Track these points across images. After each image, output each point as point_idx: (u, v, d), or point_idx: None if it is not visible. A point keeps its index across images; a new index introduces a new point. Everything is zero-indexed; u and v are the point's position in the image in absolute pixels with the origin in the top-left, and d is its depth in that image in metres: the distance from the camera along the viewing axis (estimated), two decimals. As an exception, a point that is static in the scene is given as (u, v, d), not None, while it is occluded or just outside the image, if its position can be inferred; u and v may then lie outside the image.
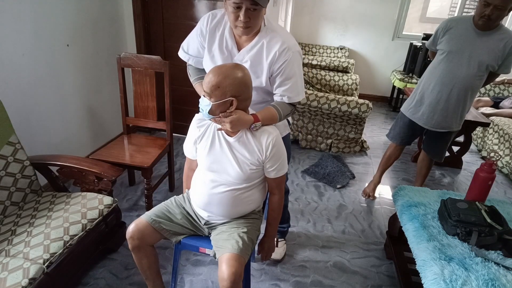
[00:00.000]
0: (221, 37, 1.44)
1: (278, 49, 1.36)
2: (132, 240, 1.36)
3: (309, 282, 1.84)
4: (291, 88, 1.42)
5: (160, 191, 2.51)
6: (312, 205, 2.50)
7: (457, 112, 2.18)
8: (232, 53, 1.44)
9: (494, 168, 1.58)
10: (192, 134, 1.40)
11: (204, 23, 1.46)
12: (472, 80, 2.08)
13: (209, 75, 1.20)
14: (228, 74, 1.19)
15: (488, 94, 4.15)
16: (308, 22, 4.92)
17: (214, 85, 1.19)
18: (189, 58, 1.58)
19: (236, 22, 1.29)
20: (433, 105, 2.19)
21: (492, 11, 1.88)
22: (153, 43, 3.12)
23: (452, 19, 2.15)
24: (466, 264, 1.29)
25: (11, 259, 1.33)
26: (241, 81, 1.21)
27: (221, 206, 1.38)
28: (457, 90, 2.11)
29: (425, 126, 2.27)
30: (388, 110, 4.83)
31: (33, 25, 2.05)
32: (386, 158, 2.58)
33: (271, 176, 1.37)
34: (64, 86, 2.37)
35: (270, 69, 1.40)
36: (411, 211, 1.68)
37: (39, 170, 1.84)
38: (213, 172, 1.37)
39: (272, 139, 1.30)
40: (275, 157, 1.32)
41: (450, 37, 2.11)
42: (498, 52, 1.99)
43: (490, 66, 2.04)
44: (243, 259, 1.26)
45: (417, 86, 2.32)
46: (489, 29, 1.99)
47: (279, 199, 1.45)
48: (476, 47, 2.02)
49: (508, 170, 3.10)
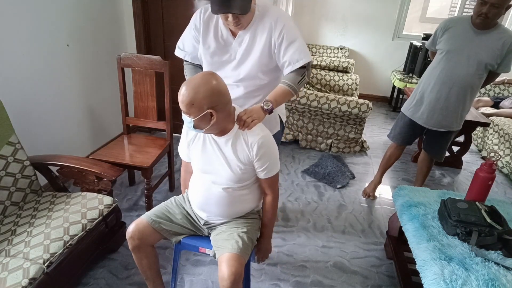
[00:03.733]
0: (216, 28, 1.49)
1: (272, 19, 1.42)
2: (132, 240, 1.36)
3: (309, 282, 1.84)
4: (299, 50, 1.44)
5: (160, 191, 2.51)
6: (312, 205, 2.50)
7: (457, 111, 2.18)
8: (228, 42, 1.49)
9: (494, 168, 1.58)
10: (185, 137, 1.40)
11: (198, 17, 1.50)
12: (471, 79, 2.08)
13: (180, 93, 1.15)
14: (198, 89, 1.13)
15: (488, 94, 4.15)
16: (308, 22, 4.92)
17: (188, 103, 1.13)
18: (186, 55, 1.62)
19: (226, 22, 1.37)
20: (432, 104, 2.20)
21: (489, 9, 1.90)
22: (153, 43, 3.12)
23: (450, 19, 2.16)
24: (466, 264, 1.29)
25: (11, 259, 1.33)
26: (213, 91, 1.15)
27: (218, 206, 1.38)
28: (456, 89, 2.12)
29: (425, 125, 2.28)
30: (388, 110, 4.83)
31: (33, 25, 2.05)
32: (387, 158, 2.59)
33: (261, 177, 1.35)
34: (64, 86, 2.37)
35: (272, 40, 1.44)
36: (411, 211, 1.68)
37: (39, 170, 1.84)
38: (207, 173, 1.37)
39: (260, 140, 1.26)
40: (264, 158, 1.29)
41: (449, 37, 2.12)
42: (497, 51, 2.00)
43: (489, 65, 2.04)
44: (243, 259, 1.26)
45: (417, 86, 2.33)
46: (487, 28, 2.00)
47: (273, 200, 1.42)
48: (474, 46, 2.03)
49: (508, 170, 3.10)
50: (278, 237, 2.14)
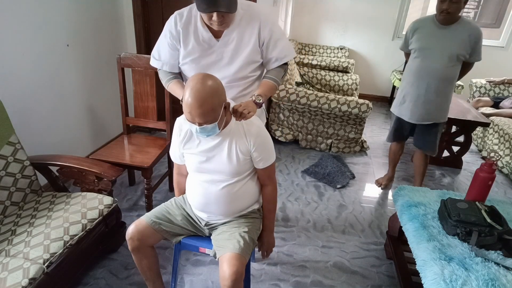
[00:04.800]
0: (195, 31, 1.46)
1: (259, 17, 1.45)
2: (132, 241, 1.36)
3: (309, 282, 1.84)
4: (286, 47, 1.53)
5: (160, 191, 2.51)
6: (312, 205, 2.50)
7: (438, 103, 2.31)
8: (211, 43, 1.47)
9: (494, 168, 1.58)
10: (176, 140, 1.40)
11: (172, 24, 1.48)
12: (445, 71, 2.22)
13: (193, 108, 1.13)
14: (207, 94, 1.14)
15: (488, 94, 4.14)
16: (308, 22, 4.91)
17: (208, 111, 1.14)
18: (163, 64, 1.56)
19: (210, 21, 1.34)
20: (414, 100, 2.34)
21: (449, 5, 2.06)
22: (153, 43, 3.07)
23: (417, 21, 2.35)
24: (466, 264, 1.29)
25: (11, 259, 1.33)
26: (218, 89, 1.18)
27: (218, 205, 1.38)
28: (434, 82, 2.25)
29: (410, 121, 2.41)
30: (388, 110, 4.79)
31: (33, 25, 2.05)
32: (392, 155, 2.75)
33: (259, 167, 1.38)
34: (64, 86, 2.37)
35: (261, 37, 1.47)
36: (411, 211, 1.68)
37: (39, 170, 1.84)
38: (204, 173, 1.37)
39: (256, 130, 1.33)
40: (261, 147, 1.33)
41: (418, 37, 2.29)
42: (465, 42, 2.14)
43: (461, 56, 2.18)
44: (244, 259, 1.26)
45: (400, 86, 2.50)
46: (451, 22, 2.16)
47: (272, 190, 1.46)
48: (443, 41, 2.19)
49: (508, 170, 3.10)
50: (278, 237, 2.13)
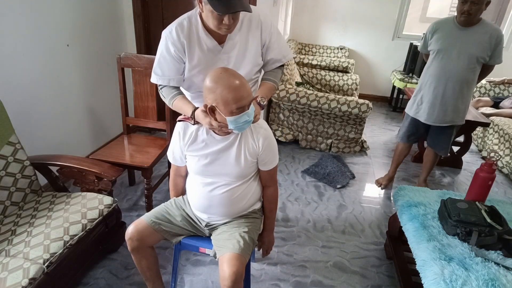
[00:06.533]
0: (199, 41, 1.42)
1: (258, 18, 1.45)
2: (131, 241, 1.36)
3: (309, 282, 1.84)
4: (284, 47, 1.56)
5: (160, 191, 2.51)
6: (312, 205, 2.50)
7: (455, 105, 2.31)
8: (216, 50, 1.44)
9: (494, 168, 1.58)
10: (178, 142, 1.38)
11: (175, 37, 1.39)
12: (464, 73, 2.22)
13: (241, 89, 1.18)
14: (238, 74, 1.22)
15: (488, 94, 4.14)
16: (308, 22, 4.91)
17: (249, 93, 1.21)
18: (170, 80, 1.44)
19: (220, 25, 1.28)
20: (431, 101, 2.34)
21: (470, 6, 2.06)
22: (153, 43, 3.11)
23: (437, 22, 2.33)
24: (466, 264, 1.29)
25: (11, 259, 1.33)
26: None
27: (221, 207, 1.39)
28: (451, 84, 2.25)
29: (427, 122, 2.41)
30: (388, 110, 4.83)
31: (33, 25, 2.05)
32: (398, 155, 2.74)
33: (264, 169, 1.40)
34: (64, 86, 2.37)
35: (262, 38, 1.47)
36: (411, 211, 1.68)
37: (39, 170, 1.84)
38: (209, 175, 1.37)
39: (264, 132, 1.35)
40: (267, 149, 1.35)
41: (438, 37, 2.27)
42: (485, 44, 2.13)
43: (480, 58, 2.18)
44: (244, 259, 1.26)
45: (417, 87, 2.48)
46: (471, 24, 2.16)
47: (274, 191, 1.49)
48: (463, 42, 2.18)
49: (508, 170, 3.10)
50: (278, 237, 2.13)
